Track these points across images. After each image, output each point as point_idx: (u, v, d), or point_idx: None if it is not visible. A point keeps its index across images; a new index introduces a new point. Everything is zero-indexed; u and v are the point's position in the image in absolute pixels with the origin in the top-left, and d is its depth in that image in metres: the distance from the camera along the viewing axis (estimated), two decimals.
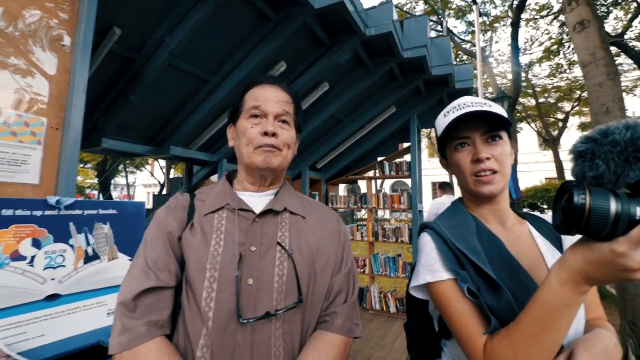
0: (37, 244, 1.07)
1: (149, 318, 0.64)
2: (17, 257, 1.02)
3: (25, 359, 0.85)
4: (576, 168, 0.54)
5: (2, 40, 1.12)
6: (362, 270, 4.26)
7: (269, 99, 0.79)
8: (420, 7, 11.11)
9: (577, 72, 10.56)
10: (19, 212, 1.04)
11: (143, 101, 2.23)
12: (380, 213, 15.16)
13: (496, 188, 0.72)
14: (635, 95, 11.47)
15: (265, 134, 0.75)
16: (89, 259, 1.20)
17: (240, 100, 0.82)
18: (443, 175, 20.74)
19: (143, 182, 27.39)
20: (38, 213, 1.09)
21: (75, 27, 1.32)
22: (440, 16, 10.59)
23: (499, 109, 0.74)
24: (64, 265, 1.12)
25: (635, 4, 7.65)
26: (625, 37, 7.72)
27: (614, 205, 0.46)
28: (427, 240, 0.76)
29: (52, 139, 1.23)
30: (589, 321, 0.69)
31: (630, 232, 0.46)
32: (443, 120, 0.78)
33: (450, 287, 0.68)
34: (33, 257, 1.05)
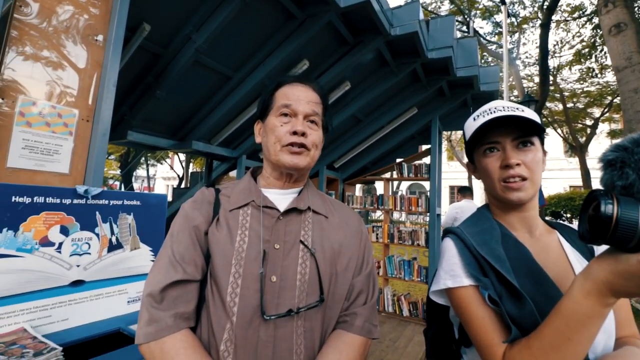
0: (65, 231, 1.11)
1: (176, 310, 0.66)
2: (46, 242, 1.06)
3: (49, 341, 0.88)
4: (605, 177, 0.52)
5: (36, 34, 1.16)
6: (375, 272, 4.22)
7: (300, 98, 0.79)
8: (445, 7, 10.91)
9: (609, 77, 10.09)
10: (49, 200, 1.08)
11: (168, 96, 2.28)
12: (395, 215, 15.00)
13: (525, 195, 0.70)
14: None
15: (295, 133, 0.76)
16: (112, 247, 1.23)
17: (271, 97, 0.82)
18: (461, 179, 20.32)
19: (163, 174, 28.13)
20: (67, 201, 1.12)
21: (108, 23, 1.36)
22: (466, 16, 10.35)
23: (532, 114, 0.71)
24: (89, 253, 1.16)
25: None
26: None
27: None
28: (449, 246, 0.75)
29: (83, 130, 1.27)
30: (621, 339, 0.66)
31: None
32: (473, 124, 0.76)
33: (471, 294, 0.67)
34: (61, 244, 1.09)
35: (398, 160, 4.55)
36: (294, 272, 0.72)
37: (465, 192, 4.85)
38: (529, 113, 0.71)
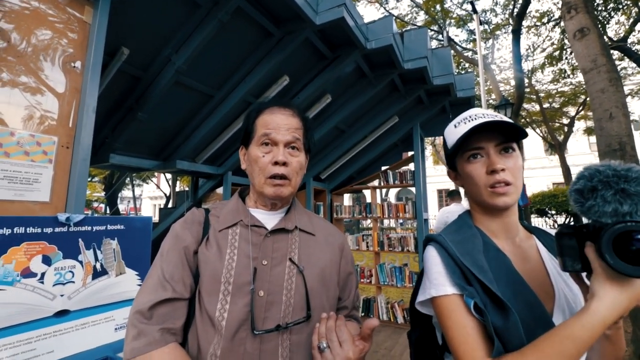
0: (47, 260, 1.09)
1: (164, 325, 0.67)
2: (28, 274, 1.04)
3: None
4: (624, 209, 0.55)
5: (12, 58, 1.17)
6: (368, 280, 4.23)
7: (280, 126, 0.81)
8: (421, 17, 11.24)
9: (581, 77, 10.52)
10: (30, 230, 1.07)
11: (150, 117, 2.28)
12: (386, 222, 15.09)
13: (510, 200, 0.71)
14: None
15: (276, 163, 0.79)
16: (97, 274, 1.22)
17: (252, 125, 0.85)
18: (448, 183, 20.62)
19: (149, 194, 27.64)
20: (49, 230, 1.11)
21: (85, 49, 1.37)
22: (441, 25, 10.69)
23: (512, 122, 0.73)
24: (73, 281, 1.15)
25: (636, 9, 7.67)
26: (629, 41, 7.72)
27: None
28: (432, 255, 0.74)
29: (63, 157, 1.27)
30: None
31: None
32: (454, 131, 0.77)
33: (455, 302, 0.66)
34: (43, 274, 1.07)
35: (383, 168, 4.61)
36: (280, 287, 0.74)
37: (454, 195, 4.94)
38: (508, 120, 0.73)
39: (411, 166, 4.34)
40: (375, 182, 4.67)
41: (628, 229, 0.49)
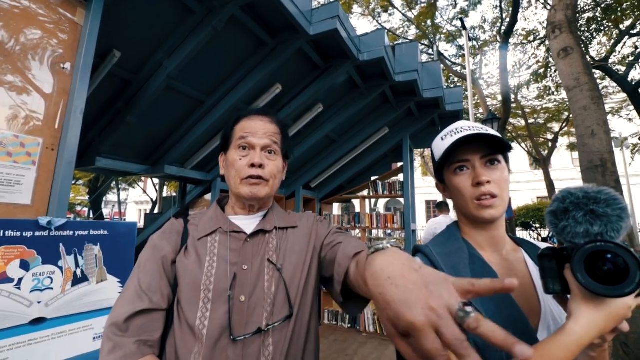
0: (25, 265, 1.06)
1: (140, 337, 0.66)
2: (4, 279, 1.00)
3: None
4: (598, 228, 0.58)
5: (0, 57, 1.14)
6: None
7: (257, 131, 0.83)
8: (412, 32, 11.49)
9: (565, 94, 10.84)
10: (9, 233, 1.04)
11: (139, 121, 2.25)
12: (374, 232, 15.11)
13: (496, 212, 0.71)
14: (621, 116, 11.82)
15: (253, 165, 0.80)
16: (77, 281, 1.18)
17: (231, 131, 0.87)
18: (437, 194, 20.85)
19: (135, 199, 27.08)
20: (28, 234, 1.08)
21: (76, 51, 1.35)
22: (431, 40, 10.95)
23: (497, 134, 0.75)
24: (51, 288, 1.11)
25: (617, 31, 8.02)
26: (610, 61, 8.04)
27: None
28: None
29: (47, 159, 1.24)
30: None
31: None
32: (441, 143, 0.77)
33: None
34: (21, 280, 1.04)
35: (373, 178, 4.64)
36: (262, 289, 0.74)
37: (442, 207, 5.00)
38: (493, 132, 0.74)
39: (400, 177, 4.38)
40: (365, 192, 4.69)
41: (598, 249, 0.51)
